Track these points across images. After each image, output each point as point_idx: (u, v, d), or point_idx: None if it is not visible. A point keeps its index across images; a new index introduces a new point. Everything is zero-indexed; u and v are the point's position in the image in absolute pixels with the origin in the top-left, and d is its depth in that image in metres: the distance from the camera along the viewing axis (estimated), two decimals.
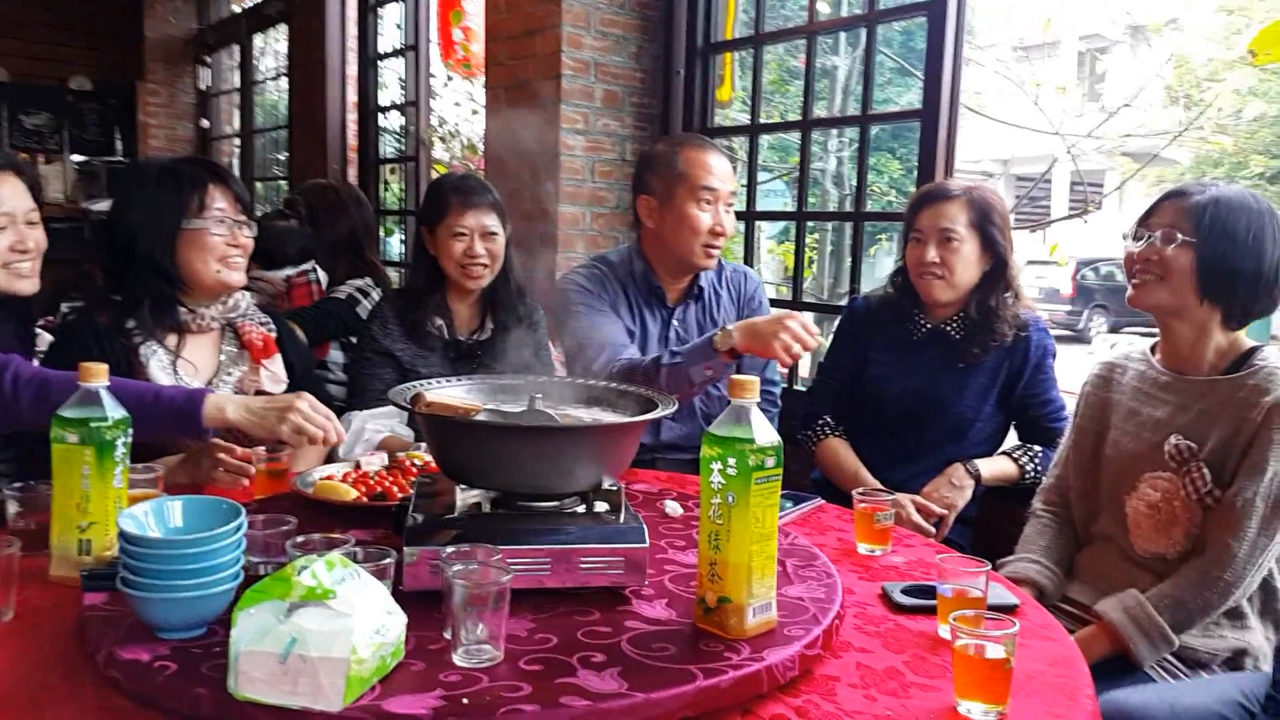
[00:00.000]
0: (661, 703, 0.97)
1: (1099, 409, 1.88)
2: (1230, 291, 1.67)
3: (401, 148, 5.02)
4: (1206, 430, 1.67)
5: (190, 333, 1.97)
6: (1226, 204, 1.66)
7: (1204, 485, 1.64)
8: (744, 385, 1.11)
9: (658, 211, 2.33)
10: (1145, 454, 1.74)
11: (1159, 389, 1.77)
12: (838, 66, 6.63)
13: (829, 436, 2.33)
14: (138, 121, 7.42)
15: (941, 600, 1.23)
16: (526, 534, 1.20)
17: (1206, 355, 1.72)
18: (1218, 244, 1.65)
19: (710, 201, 2.29)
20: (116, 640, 1.06)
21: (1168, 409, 1.74)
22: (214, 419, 1.67)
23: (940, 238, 2.15)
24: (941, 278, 2.16)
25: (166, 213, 1.91)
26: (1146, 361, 1.82)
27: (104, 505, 1.29)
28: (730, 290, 2.48)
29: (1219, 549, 1.62)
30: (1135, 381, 1.82)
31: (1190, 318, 1.72)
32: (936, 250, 2.15)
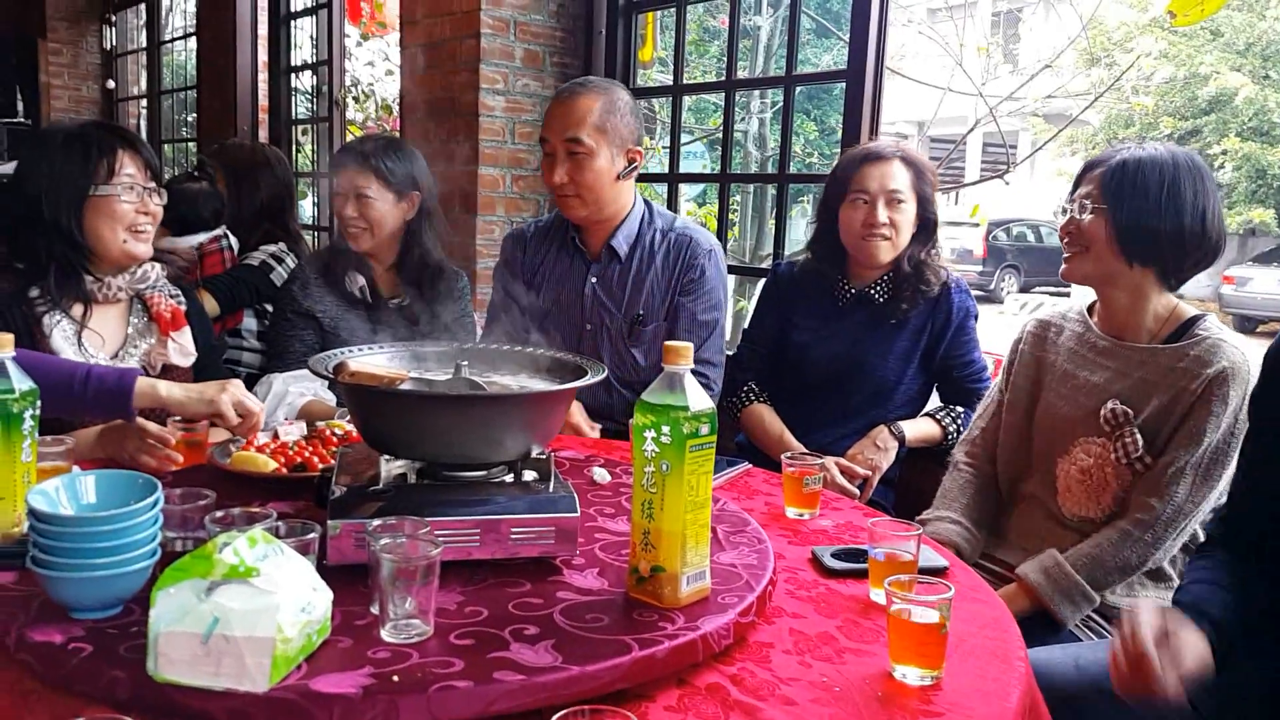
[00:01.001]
0: (597, 675, 0.96)
1: (1033, 368, 1.88)
2: (1154, 252, 1.67)
3: (314, 109, 4.86)
4: (1145, 398, 1.68)
5: (97, 303, 1.91)
6: (1135, 165, 1.66)
7: (1135, 450, 1.65)
8: (677, 351, 1.10)
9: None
10: (1080, 418, 1.75)
11: (1097, 354, 1.77)
12: (760, 27, 6.61)
13: (754, 402, 2.35)
14: (40, 82, 7.07)
15: (873, 564, 1.25)
16: (454, 505, 1.18)
17: (1145, 322, 1.73)
18: (1130, 206, 1.65)
19: (548, 154, 2.24)
20: (27, 621, 1.02)
21: (1105, 374, 1.74)
22: (145, 397, 1.63)
23: (889, 198, 2.16)
24: (889, 239, 2.18)
25: (74, 179, 1.84)
26: (1084, 323, 1.82)
27: (11, 480, 1.24)
28: (671, 254, 2.32)
29: (1142, 510, 1.65)
30: (1072, 343, 1.82)
31: (1123, 283, 1.72)
32: (886, 211, 2.16)
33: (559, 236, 2.38)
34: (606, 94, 2.21)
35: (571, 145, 2.18)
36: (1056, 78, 4.59)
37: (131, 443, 1.66)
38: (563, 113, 2.20)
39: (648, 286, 2.31)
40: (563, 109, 2.21)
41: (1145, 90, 13.92)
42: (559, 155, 2.20)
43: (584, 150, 2.18)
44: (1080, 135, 15.90)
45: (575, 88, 2.24)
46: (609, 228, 2.32)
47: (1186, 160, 1.67)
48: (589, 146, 2.17)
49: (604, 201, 2.25)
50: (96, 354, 1.88)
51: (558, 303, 2.35)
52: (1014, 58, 16.42)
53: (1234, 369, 1.61)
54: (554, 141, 2.20)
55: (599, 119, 2.18)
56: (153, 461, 1.64)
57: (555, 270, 2.37)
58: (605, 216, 2.29)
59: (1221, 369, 1.61)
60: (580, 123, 2.17)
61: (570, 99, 2.21)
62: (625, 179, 2.26)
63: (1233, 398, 1.60)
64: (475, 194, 3.26)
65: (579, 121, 2.17)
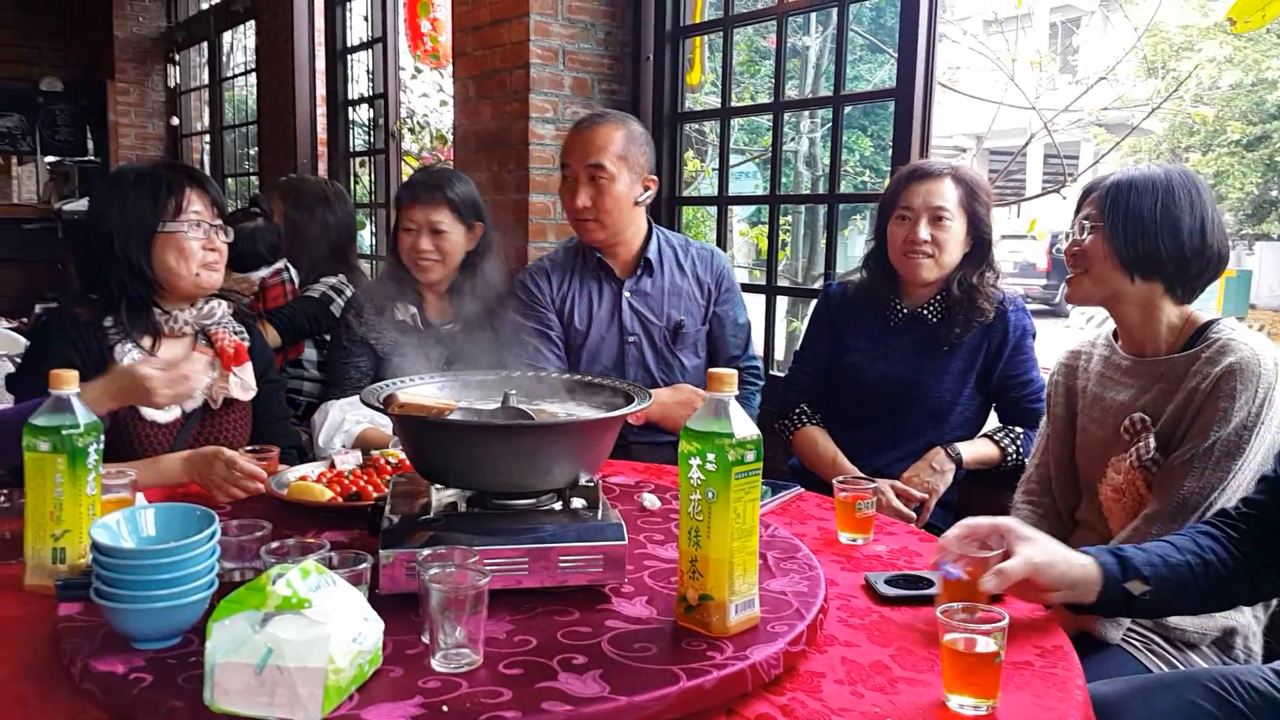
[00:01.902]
0: (645, 705, 0.96)
1: (1067, 398, 1.88)
2: (1156, 265, 1.66)
3: (371, 140, 4.97)
4: (1162, 407, 1.66)
5: (164, 336, 1.96)
6: (1128, 186, 1.66)
7: (1146, 453, 1.63)
8: (722, 379, 1.10)
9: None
10: (1110, 439, 1.73)
11: (1121, 373, 1.76)
12: (809, 46, 6.59)
13: (806, 425, 2.32)
14: (109, 121, 7.34)
15: (946, 583, 1.23)
16: (503, 533, 1.19)
17: (1160, 333, 1.71)
18: (1125, 227, 1.65)
19: (569, 178, 2.32)
20: (91, 652, 1.05)
21: (1130, 392, 1.72)
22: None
23: (932, 216, 2.14)
24: (931, 256, 2.15)
25: (144, 216, 1.91)
26: (1110, 346, 1.81)
27: (77, 513, 1.27)
28: (698, 267, 2.47)
29: (1150, 505, 1.62)
30: (1099, 367, 1.81)
31: (1131, 299, 1.70)
32: (928, 228, 2.14)
33: (577, 264, 2.45)
34: (626, 125, 2.35)
35: (594, 171, 2.29)
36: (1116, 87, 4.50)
37: (219, 472, 1.70)
38: (585, 140, 2.31)
39: (684, 294, 2.42)
40: (585, 137, 2.32)
41: (1211, 97, 13.56)
42: (581, 180, 2.30)
43: (606, 176, 2.29)
44: (1144, 145, 15.54)
45: (596, 118, 2.36)
46: (630, 248, 2.43)
47: (1181, 176, 1.66)
48: (611, 173, 2.29)
49: (622, 225, 2.36)
50: None
51: (595, 323, 2.41)
52: (1073, 68, 16.16)
53: (1243, 364, 1.57)
54: (576, 167, 2.31)
55: (621, 147, 2.30)
56: (239, 493, 1.68)
57: (584, 295, 2.43)
58: (623, 239, 2.41)
59: (1229, 365, 1.58)
60: (603, 150, 2.29)
61: (593, 128, 2.32)
62: (640, 205, 2.39)
63: (1242, 392, 1.57)
64: (526, 221, 3.30)
65: (601, 149, 2.29)
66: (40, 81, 7.43)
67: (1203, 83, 12.34)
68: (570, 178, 2.33)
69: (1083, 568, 1.28)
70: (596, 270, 2.43)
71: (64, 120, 7.50)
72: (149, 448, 1.90)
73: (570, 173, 2.33)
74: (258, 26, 5.73)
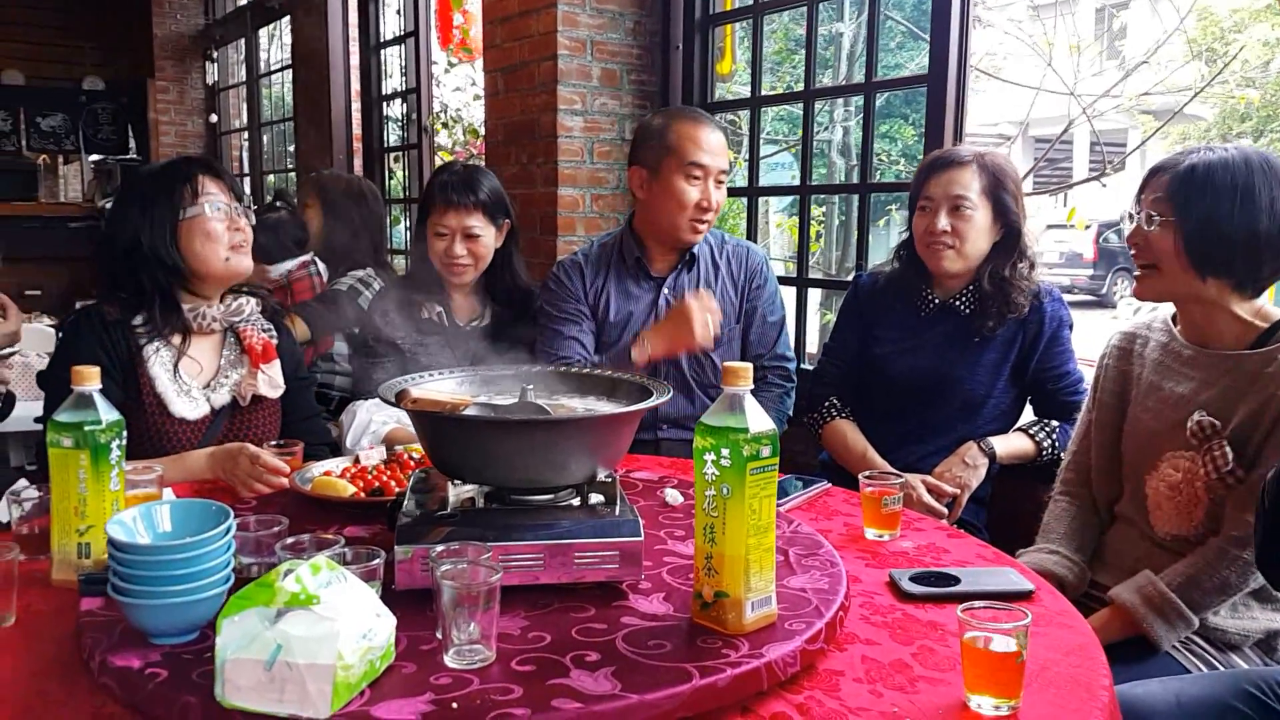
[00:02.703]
0: (657, 703, 0.94)
1: (1119, 383, 1.81)
2: (1227, 263, 1.57)
3: (405, 135, 4.99)
4: (1232, 407, 1.58)
5: (194, 333, 1.97)
6: (1205, 171, 1.56)
7: (1224, 464, 1.55)
8: (736, 372, 1.08)
9: (647, 183, 2.33)
10: (1167, 431, 1.66)
11: (1182, 363, 1.68)
12: (843, 33, 6.50)
13: (836, 418, 2.29)
14: (149, 119, 7.45)
15: None
16: (519, 529, 1.18)
17: (1229, 328, 1.63)
18: (1199, 216, 1.55)
19: (699, 177, 2.29)
20: (110, 646, 1.05)
21: (1191, 384, 1.65)
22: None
23: (951, 205, 2.09)
24: (952, 247, 2.10)
25: (163, 207, 1.92)
26: (1168, 332, 1.73)
27: (101, 508, 1.29)
28: (732, 265, 2.45)
29: (1238, 527, 1.55)
30: (1157, 354, 1.73)
31: (1198, 298, 1.63)
32: (947, 218, 2.09)
33: (613, 260, 2.42)
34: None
35: (721, 177, 2.32)
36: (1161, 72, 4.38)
37: (243, 467, 1.72)
38: (719, 140, 2.32)
39: (718, 293, 2.38)
40: (718, 137, 2.33)
41: (1262, 81, 13.17)
42: (712, 180, 2.31)
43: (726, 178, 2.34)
44: (1193, 131, 15.16)
45: (715, 122, 2.38)
46: (676, 247, 2.41)
47: (1260, 160, 1.56)
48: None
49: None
50: (191, 382, 1.95)
51: (630, 321, 2.38)
52: (1120, 54, 15.81)
53: None
54: (712, 168, 2.30)
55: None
56: (263, 488, 1.70)
57: (620, 291, 2.40)
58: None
59: None
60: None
61: (718, 129, 2.35)
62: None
63: None
64: (555, 215, 3.29)
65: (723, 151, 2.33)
66: (83, 81, 7.57)
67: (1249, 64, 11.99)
68: (699, 176, 2.30)
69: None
70: (634, 268, 2.41)
71: (106, 119, 7.64)
72: (177, 444, 1.91)
73: (701, 172, 2.29)
74: (293, 23, 5.78)
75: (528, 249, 3.32)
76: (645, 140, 2.36)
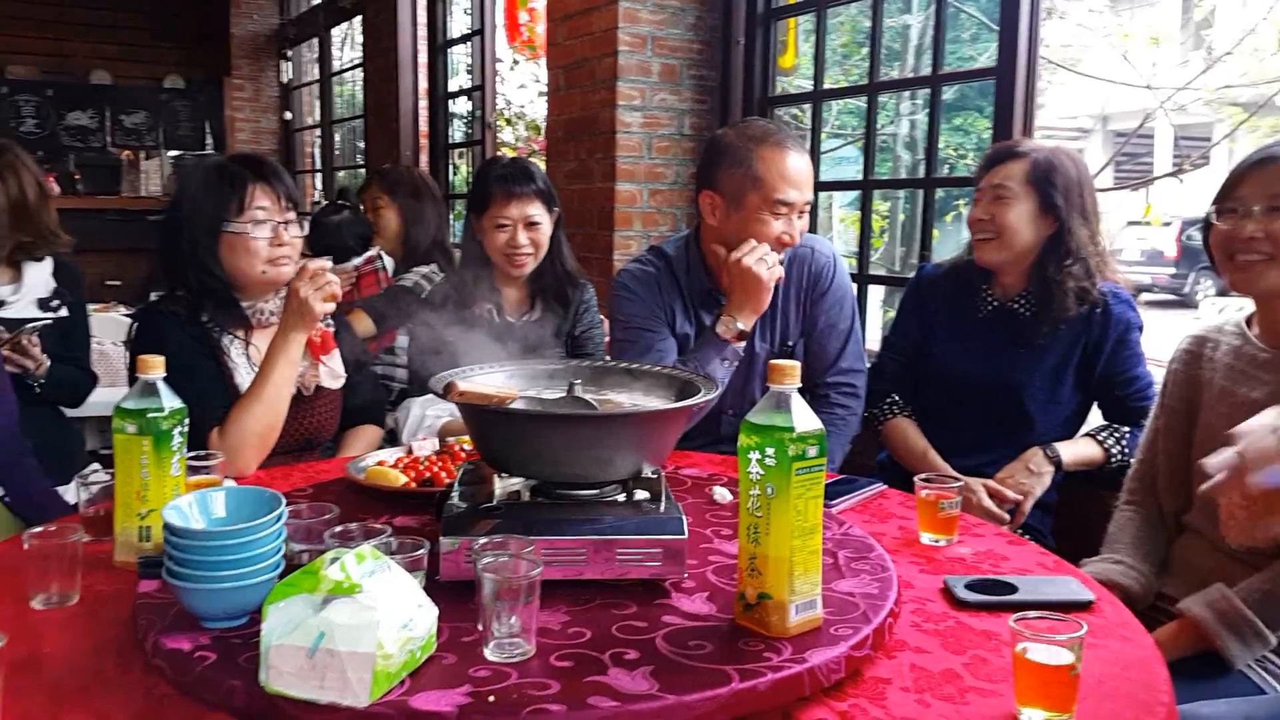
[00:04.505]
0: (694, 705, 0.93)
1: (1188, 388, 1.73)
2: None
3: (469, 132, 5.05)
4: None
5: (253, 327, 2.00)
6: None
7: None
8: (783, 370, 1.06)
9: (723, 210, 2.10)
10: None
11: (1257, 367, 1.61)
12: (910, 25, 6.37)
13: (896, 415, 2.24)
14: (225, 116, 7.67)
15: None
16: (563, 523, 1.18)
17: None
18: None
19: (784, 212, 2.05)
20: (163, 628, 1.07)
21: (1266, 389, 1.57)
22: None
23: (993, 195, 2.03)
24: (993, 238, 2.04)
25: (209, 215, 1.92)
26: (1242, 336, 1.66)
27: (162, 493, 1.31)
28: (796, 270, 2.22)
29: None
30: (1229, 358, 1.66)
31: None
32: (988, 207, 2.04)
33: (680, 283, 2.22)
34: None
35: (805, 208, 2.11)
36: (1247, 62, 4.20)
37: (304, 292, 1.82)
38: (807, 169, 2.09)
39: (782, 308, 2.21)
40: (805, 164, 2.10)
41: None
42: (797, 213, 2.09)
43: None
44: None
45: (802, 146, 2.14)
46: None
47: None
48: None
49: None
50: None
51: (688, 341, 2.21)
52: (1208, 45, 15.25)
53: None
54: (799, 203, 2.08)
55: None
56: (329, 304, 1.84)
57: (687, 317, 2.22)
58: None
59: None
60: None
61: (804, 151, 2.12)
62: None
63: None
64: (612, 210, 3.29)
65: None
66: (164, 80, 7.83)
67: None
68: (791, 204, 2.07)
69: None
70: (704, 296, 2.21)
71: (185, 116, 7.88)
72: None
73: (795, 208, 2.09)
74: (364, 22, 5.88)
75: (584, 243, 3.33)
76: (723, 164, 2.09)
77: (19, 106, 7.46)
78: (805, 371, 2.15)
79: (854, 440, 2.29)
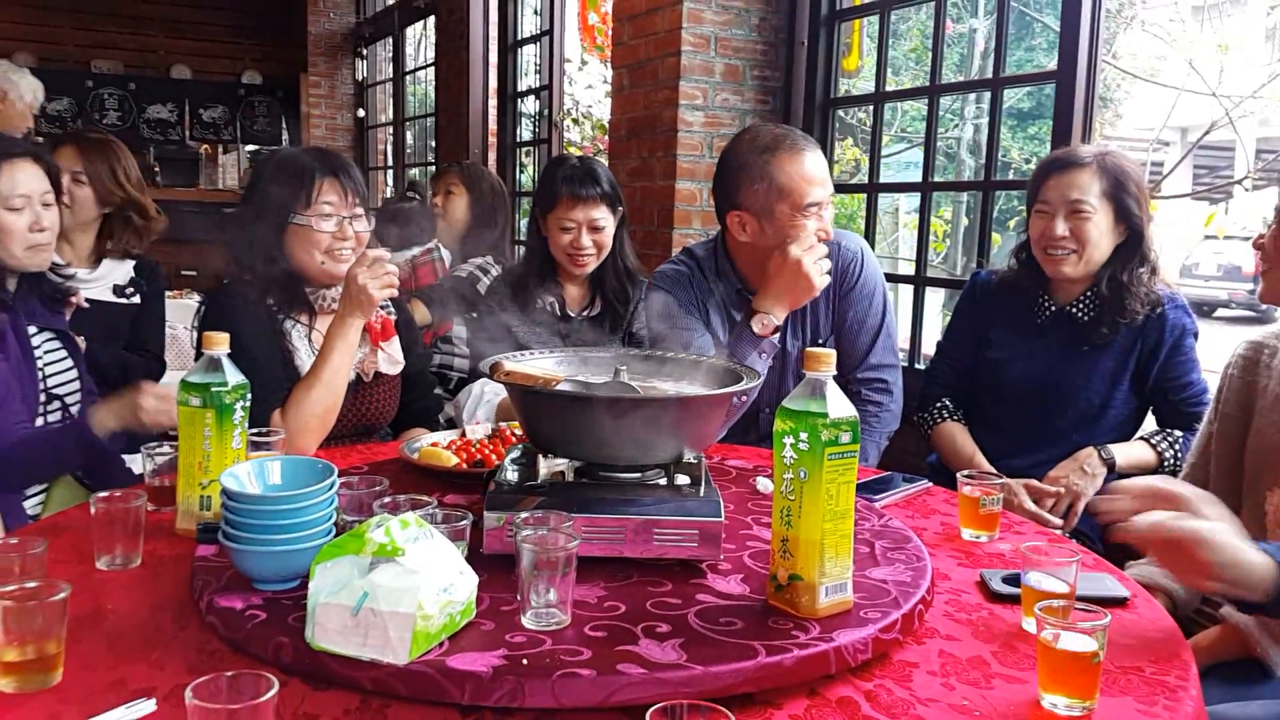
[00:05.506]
0: (719, 676, 0.95)
1: (1243, 394, 1.70)
2: None
3: (536, 131, 5.13)
4: None
5: (316, 313, 2.07)
6: None
7: None
8: (818, 358, 1.08)
9: (755, 226, 2.10)
10: None
11: None
12: (977, 29, 6.28)
13: (947, 420, 2.23)
14: (301, 112, 7.88)
15: (1026, 591, 1.16)
16: (603, 503, 1.21)
17: None
18: None
19: (814, 212, 2.07)
20: (218, 589, 1.13)
21: None
22: (102, 427, 1.80)
23: (1069, 210, 2.01)
24: (1074, 252, 2.03)
25: (278, 206, 1.98)
26: None
27: (223, 464, 1.37)
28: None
29: None
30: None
31: None
32: (1065, 223, 2.02)
33: (709, 284, 2.25)
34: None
35: (829, 200, 2.11)
36: None
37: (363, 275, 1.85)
38: (823, 164, 2.11)
39: (820, 302, 2.20)
40: (820, 159, 2.11)
41: None
42: (825, 207, 2.10)
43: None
44: None
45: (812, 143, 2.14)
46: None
47: None
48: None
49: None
50: None
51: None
52: None
53: None
54: (825, 200, 2.09)
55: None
56: (387, 291, 1.87)
57: (719, 317, 2.24)
58: None
59: None
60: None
61: (815, 147, 2.12)
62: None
63: None
64: (672, 208, 3.32)
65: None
66: (242, 76, 8.08)
67: None
68: (819, 202, 2.08)
69: (1260, 560, 1.11)
70: (736, 297, 2.22)
71: (262, 112, 8.13)
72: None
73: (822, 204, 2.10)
74: (437, 22, 6.00)
75: (644, 241, 3.37)
76: (743, 182, 2.08)
77: (103, 100, 7.78)
78: (837, 368, 2.16)
79: (892, 438, 2.29)
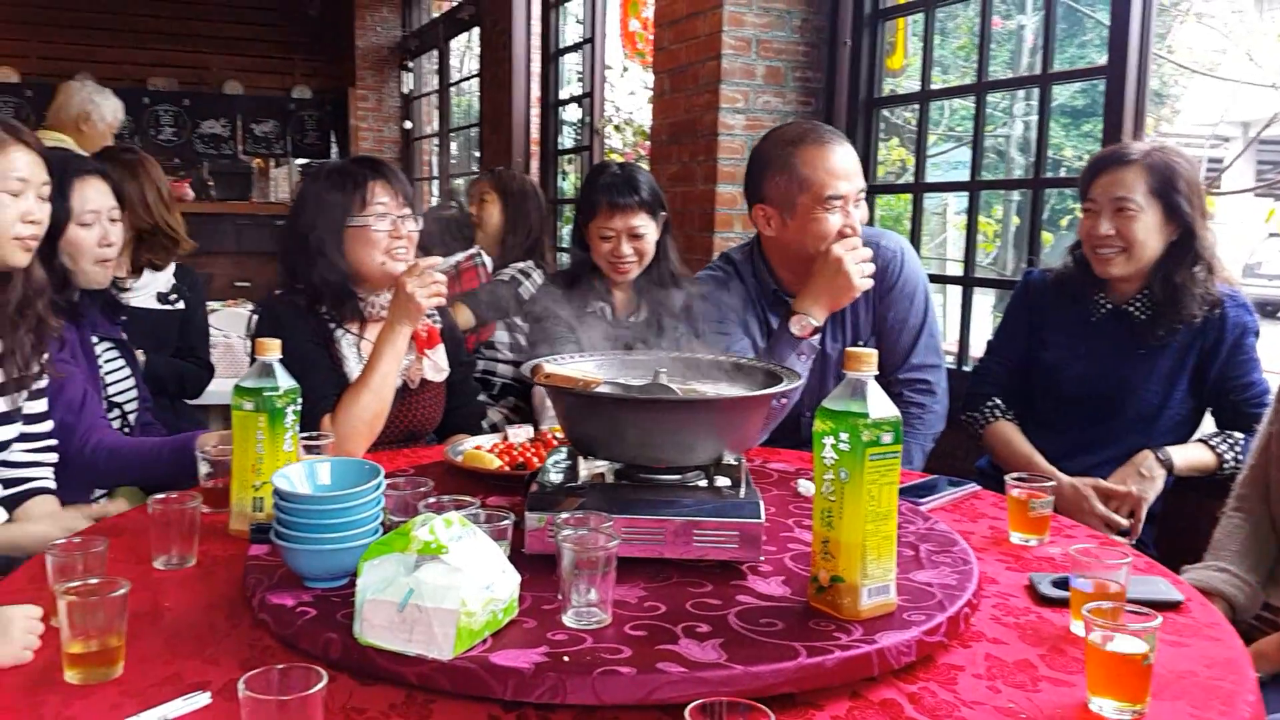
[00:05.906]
0: (759, 675, 0.95)
1: None
2: None
3: (578, 138, 5.16)
4: None
5: (366, 321, 2.10)
6: None
7: None
8: (859, 358, 1.07)
9: (778, 219, 2.10)
10: None
11: None
12: (1024, 26, 6.17)
13: (999, 419, 2.19)
14: (349, 125, 8.01)
15: (1075, 594, 1.14)
16: (643, 504, 1.21)
17: None
18: None
19: (839, 205, 2.05)
20: (269, 587, 1.16)
21: None
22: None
23: (1114, 208, 1.97)
24: (1122, 250, 1.98)
25: (334, 211, 2.02)
26: None
27: (275, 467, 1.39)
28: None
29: None
30: None
31: None
32: (1111, 222, 1.98)
33: (751, 286, 2.23)
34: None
35: (859, 196, 2.09)
36: None
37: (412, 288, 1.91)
38: (853, 159, 2.08)
39: (860, 303, 2.16)
40: (849, 154, 2.08)
41: None
42: (852, 203, 2.07)
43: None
44: None
45: (841, 137, 2.12)
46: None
47: None
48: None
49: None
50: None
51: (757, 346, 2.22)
52: None
53: None
54: (851, 194, 2.06)
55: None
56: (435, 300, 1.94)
57: (756, 323, 2.22)
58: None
59: None
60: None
61: (844, 142, 2.10)
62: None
63: None
64: (713, 212, 3.31)
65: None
66: (292, 90, 8.24)
67: None
68: (841, 194, 2.05)
69: None
70: (772, 297, 2.21)
71: (311, 125, 8.29)
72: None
73: (850, 202, 2.07)
74: (481, 33, 6.07)
75: (685, 245, 3.36)
76: (767, 175, 2.09)
77: (158, 116, 7.98)
78: (878, 368, 2.12)
79: (938, 440, 2.25)
